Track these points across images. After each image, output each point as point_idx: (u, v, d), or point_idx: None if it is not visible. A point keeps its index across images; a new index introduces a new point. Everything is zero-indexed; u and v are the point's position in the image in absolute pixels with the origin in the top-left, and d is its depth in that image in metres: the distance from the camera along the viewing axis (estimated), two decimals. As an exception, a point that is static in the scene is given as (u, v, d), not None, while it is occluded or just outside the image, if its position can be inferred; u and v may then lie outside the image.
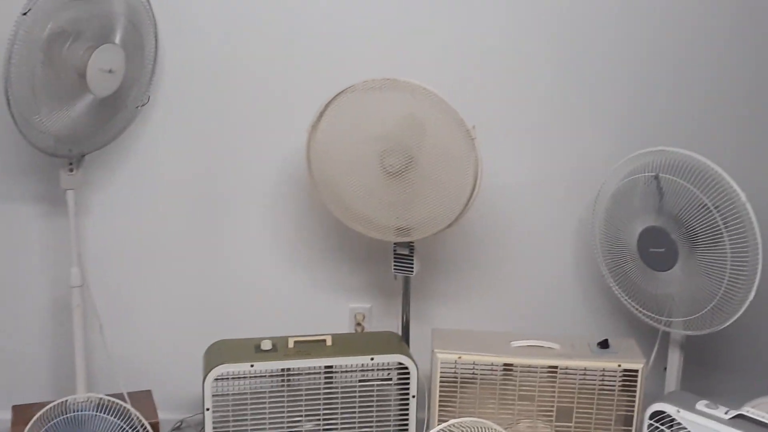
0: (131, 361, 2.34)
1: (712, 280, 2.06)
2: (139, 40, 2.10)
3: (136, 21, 2.08)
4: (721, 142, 2.34)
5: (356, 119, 2.06)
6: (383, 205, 2.11)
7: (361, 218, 2.15)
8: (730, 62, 2.36)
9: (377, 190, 2.10)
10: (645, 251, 2.14)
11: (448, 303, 2.47)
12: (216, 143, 2.32)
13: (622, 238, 2.20)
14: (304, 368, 2.06)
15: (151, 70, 2.18)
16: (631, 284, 2.23)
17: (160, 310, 2.39)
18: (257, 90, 2.30)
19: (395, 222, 2.13)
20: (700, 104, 2.38)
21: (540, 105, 2.38)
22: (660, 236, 2.10)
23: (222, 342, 2.15)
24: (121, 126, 2.18)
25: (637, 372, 2.08)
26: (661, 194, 2.08)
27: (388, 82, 2.02)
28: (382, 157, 2.07)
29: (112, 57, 2.01)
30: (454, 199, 2.07)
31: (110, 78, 2.01)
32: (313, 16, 2.27)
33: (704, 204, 2.02)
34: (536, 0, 2.30)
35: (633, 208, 2.16)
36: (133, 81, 2.12)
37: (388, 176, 2.08)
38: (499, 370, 2.10)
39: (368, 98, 2.04)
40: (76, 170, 2.13)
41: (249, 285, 2.41)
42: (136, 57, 2.10)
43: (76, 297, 2.18)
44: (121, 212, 2.32)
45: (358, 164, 2.08)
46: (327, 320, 2.42)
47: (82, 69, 1.95)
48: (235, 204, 2.36)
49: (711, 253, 2.05)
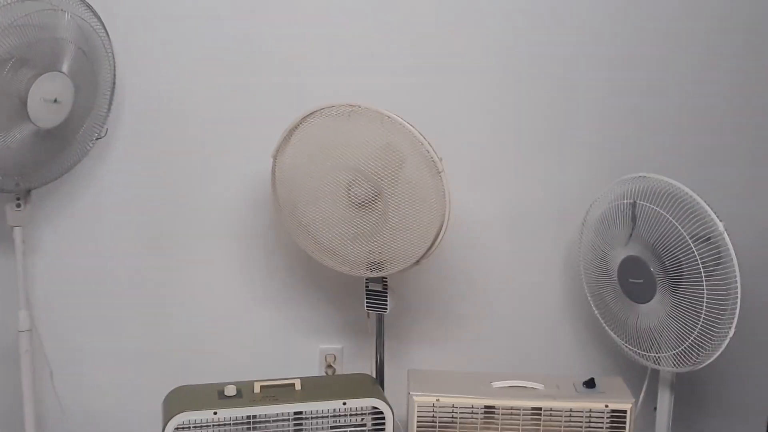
0: (84, 410, 2.33)
1: (690, 314, 2.04)
2: (91, 70, 2.07)
3: (87, 50, 2.04)
4: (703, 171, 2.35)
5: (323, 145, 2.06)
6: (348, 237, 2.10)
7: (327, 251, 2.14)
8: (711, 89, 2.38)
9: (342, 221, 2.09)
10: (625, 281, 2.14)
11: (424, 342, 2.45)
12: (173, 178, 2.31)
13: (604, 268, 2.20)
14: (271, 415, 2.03)
15: (108, 102, 2.16)
16: (615, 317, 2.22)
17: (115, 355, 2.36)
18: (216, 121, 2.30)
19: (363, 256, 2.12)
20: (680, 131, 2.40)
21: (518, 135, 2.38)
22: (638, 266, 2.10)
23: (182, 388, 2.11)
24: (73, 160, 2.14)
25: (626, 413, 2.07)
26: (634, 222, 2.08)
27: (354, 109, 2.03)
28: (348, 187, 2.07)
29: (58, 86, 1.97)
30: (421, 235, 2.07)
31: (56, 108, 1.98)
32: (272, 43, 2.27)
33: (680, 233, 2.01)
34: (513, 29, 2.33)
35: (613, 237, 2.16)
36: (84, 113, 2.09)
37: (354, 207, 2.08)
38: (480, 412, 2.08)
39: (335, 124, 2.04)
40: (23, 206, 2.11)
41: (210, 326, 2.38)
42: (87, 87, 2.07)
43: (25, 342, 2.16)
44: (72, 251, 2.30)
45: (323, 192, 2.08)
46: (295, 362, 2.40)
47: (23, 97, 1.92)
48: (194, 241, 2.34)
49: (688, 285, 2.03)
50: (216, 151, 2.30)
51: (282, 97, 2.25)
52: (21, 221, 2.10)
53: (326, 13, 2.26)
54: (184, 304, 2.35)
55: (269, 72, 2.27)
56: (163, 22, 2.22)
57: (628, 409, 2.05)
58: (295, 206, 2.11)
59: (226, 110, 2.28)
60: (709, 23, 2.34)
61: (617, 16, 2.32)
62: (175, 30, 2.23)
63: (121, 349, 2.35)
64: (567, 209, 2.36)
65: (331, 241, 2.11)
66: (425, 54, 2.30)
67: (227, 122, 2.28)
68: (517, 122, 2.36)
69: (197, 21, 2.23)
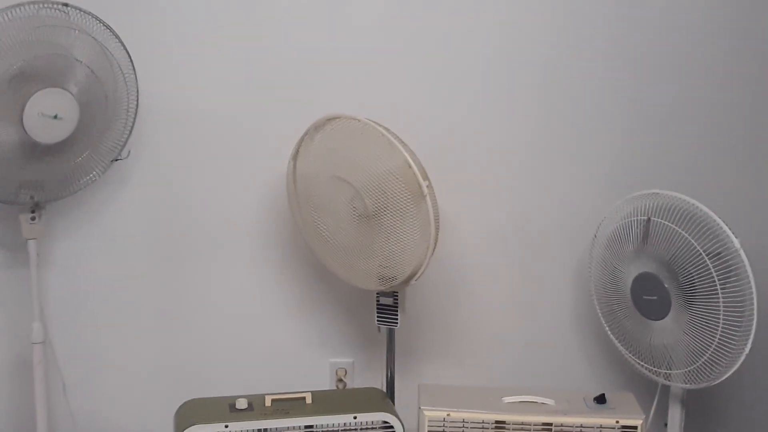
0: (96, 422, 2.32)
1: (705, 331, 2.03)
2: (102, 91, 2.04)
3: (100, 71, 2.02)
4: (715, 186, 2.33)
5: (335, 154, 2.07)
6: (353, 246, 2.11)
7: (339, 262, 2.14)
8: (726, 103, 2.36)
9: (347, 230, 2.10)
10: (639, 298, 2.12)
11: (435, 357, 2.44)
12: (187, 194, 2.31)
13: (616, 285, 2.18)
14: (282, 428, 2.02)
15: (128, 125, 2.13)
16: (627, 334, 2.20)
17: (127, 367, 2.35)
18: (230, 136, 2.29)
19: (366, 266, 2.12)
20: (694, 146, 2.38)
21: (529, 150, 2.37)
22: (652, 283, 2.08)
23: (194, 401, 2.10)
24: (87, 179, 2.13)
25: (636, 428, 2.05)
26: (648, 239, 2.07)
27: (363, 124, 2.05)
28: (351, 199, 2.07)
29: (60, 103, 1.95)
30: (411, 254, 2.07)
31: (56, 125, 1.96)
32: (285, 64, 2.27)
33: (696, 250, 2.00)
34: (526, 42, 2.31)
35: (626, 253, 2.14)
36: (96, 132, 2.06)
37: (356, 218, 2.08)
38: (491, 428, 2.07)
39: (347, 136, 2.06)
40: (38, 219, 2.10)
41: (222, 340, 2.37)
42: (96, 108, 2.04)
43: (38, 354, 2.15)
44: (86, 264, 2.29)
45: (331, 201, 2.10)
46: (306, 376, 2.38)
47: (20, 110, 1.91)
48: (206, 256, 2.34)
49: (703, 302, 2.01)
50: (228, 167, 2.29)
51: (298, 111, 2.23)
52: (36, 234, 2.10)
53: (338, 29, 2.26)
54: (196, 318, 2.35)
55: (285, 86, 2.27)
56: (181, 42, 2.23)
57: (638, 425, 2.04)
58: (309, 210, 2.12)
59: (241, 125, 2.28)
60: (725, 41, 2.32)
61: (631, 30, 2.31)
62: (194, 50, 2.24)
63: (134, 361, 2.34)
64: (577, 224, 2.35)
65: (337, 249, 2.12)
66: (436, 66, 2.29)
67: (241, 138, 2.28)
68: (528, 137, 2.35)
69: (216, 40, 2.24)
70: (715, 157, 2.38)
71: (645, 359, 2.17)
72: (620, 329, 2.20)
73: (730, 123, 2.36)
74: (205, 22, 2.22)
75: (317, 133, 2.08)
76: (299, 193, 2.14)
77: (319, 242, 2.17)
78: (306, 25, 2.25)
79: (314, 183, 2.11)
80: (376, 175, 2.03)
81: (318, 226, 2.14)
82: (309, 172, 2.11)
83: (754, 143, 2.37)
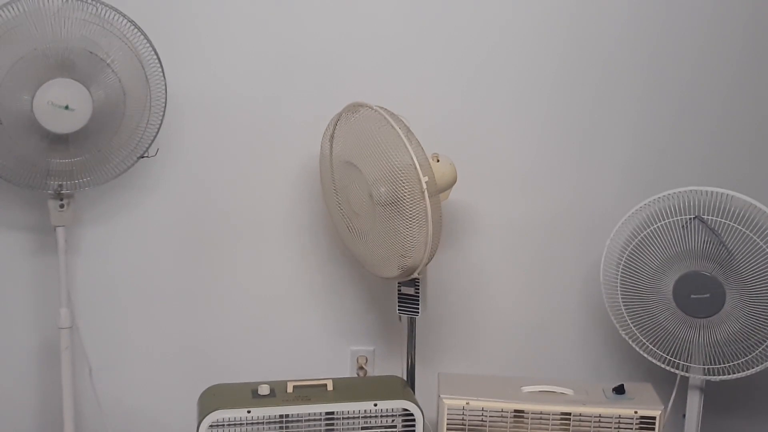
0: (122, 406, 2.33)
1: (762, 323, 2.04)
2: (120, 87, 2.03)
3: (116, 65, 2.02)
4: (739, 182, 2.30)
5: (363, 140, 2.06)
6: (375, 231, 2.10)
7: (361, 248, 2.13)
8: (746, 102, 2.36)
9: (368, 213, 2.09)
10: (684, 298, 2.08)
11: (455, 346, 2.44)
12: (212, 184, 2.30)
13: (653, 285, 2.13)
14: (303, 414, 2.03)
15: (152, 122, 2.10)
16: (661, 331, 2.15)
17: (152, 353, 2.35)
18: (256, 127, 2.29)
19: (363, 252, 2.12)
20: (713, 141, 2.37)
21: (551, 145, 2.36)
22: (703, 281, 2.06)
23: (217, 387, 2.12)
24: (111, 173, 2.11)
25: (655, 419, 2.05)
26: (714, 237, 2.04)
27: (362, 110, 2.05)
28: (369, 184, 2.06)
29: (71, 94, 1.96)
30: (409, 248, 2.05)
31: (67, 115, 1.96)
32: (311, 56, 2.27)
33: (758, 246, 2.00)
34: (542, 29, 2.31)
35: (667, 255, 2.10)
36: (115, 127, 2.05)
37: (374, 203, 2.07)
38: (510, 417, 2.07)
39: (375, 124, 2.05)
40: (67, 207, 2.11)
41: (246, 326, 2.38)
42: (114, 103, 2.03)
43: (65, 339, 2.16)
44: (113, 251, 2.29)
45: (355, 183, 2.09)
46: (327, 364, 2.40)
47: (30, 98, 1.93)
48: (231, 244, 2.34)
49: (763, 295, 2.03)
50: (253, 156, 2.29)
51: (320, 100, 2.25)
52: (64, 221, 2.10)
53: (361, 18, 2.26)
54: (220, 305, 2.35)
55: (307, 74, 2.26)
56: (208, 35, 2.23)
57: (657, 416, 2.04)
58: (345, 193, 2.13)
59: (265, 114, 2.28)
60: (745, 36, 2.32)
61: (654, 27, 2.30)
62: (218, 40, 2.23)
63: (159, 347, 2.34)
64: (599, 216, 2.35)
65: (361, 229, 2.12)
66: (464, 62, 2.29)
67: (264, 127, 2.28)
68: (547, 129, 2.34)
69: (241, 31, 2.23)
70: (738, 153, 2.37)
71: (674, 355, 2.15)
72: (652, 328, 2.15)
73: (754, 122, 2.36)
74: (229, 14, 2.22)
75: (352, 115, 2.08)
76: (335, 175, 2.14)
77: (345, 228, 2.18)
78: (329, 14, 2.25)
79: (344, 167, 2.11)
80: (390, 166, 2.02)
81: (351, 208, 2.14)
82: (342, 154, 2.11)
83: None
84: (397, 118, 2.02)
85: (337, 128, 2.12)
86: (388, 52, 2.28)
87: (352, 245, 2.19)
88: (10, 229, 2.23)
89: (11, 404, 2.31)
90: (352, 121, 2.09)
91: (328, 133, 2.14)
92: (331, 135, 2.14)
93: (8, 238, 2.23)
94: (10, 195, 2.20)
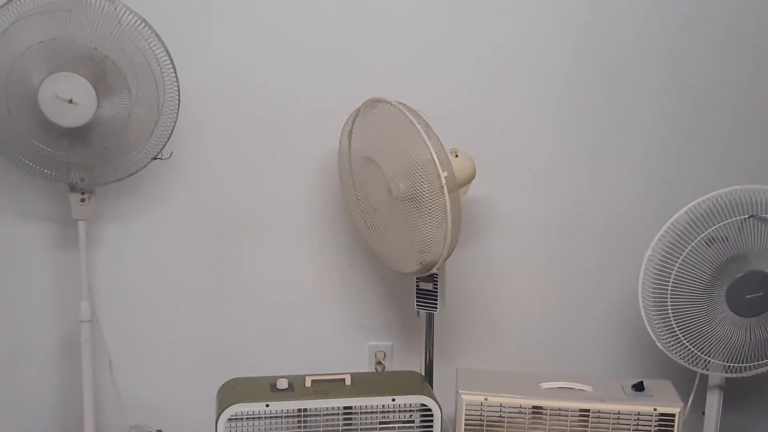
0: (141, 399, 2.34)
1: None
2: (125, 85, 2.01)
3: (122, 63, 2.01)
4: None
5: (381, 135, 2.06)
6: (394, 226, 2.10)
7: (380, 244, 2.13)
8: (762, 92, 2.36)
9: (387, 209, 2.09)
10: (739, 299, 2.05)
11: (473, 341, 2.44)
12: (231, 180, 2.31)
13: (707, 290, 2.08)
14: (321, 409, 2.03)
15: (162, 124, 2.08)
16: (711, 338, 2.11)
17: (172, 346, 2.36)
18: (273, 123, 2.29)
19: (404, 248, 2.11)
20: (733, 142, 2.37)
21: (571, 142, 2.36)
22: (759, 280, 2.04)
23: (236, 380, 2.12)
24: (124, 171, 2.12)
25: (674, 416, 2.03)
26: (750, 236, 2.01)
27: (378, 104, 2.05)
28: (388, 180, 2.06)
29: (75, 88, 1.96)
30: (426, 244, 2.05)
31: (71, 109, 1.96)
32: (327, 52, 2.27)
33: None
34: (559, 27, 2.31)
35: (724, 258, 2.05)
36: (118, 124, 2.04)
37: (393, 199, 2.07)
38: (528, 413, 2.06)
39: (395, 120, 2.04)
40: (88, 201, 2.12)
41: (265, 321, 2.38)
42: (118, 101, 2.02)
43: (86, 332, 2.17)
44: (134, 245, 2.30)
45: (374, 178, 2.09)
46: (346, 359, 2.40)
47: (35, 89, 1.94)
48: (250, 240, 2.34)
49: None
50: (272, 152, 2.30)
51: (338, 96, 2.25)
52: (85, 215, 2.12)
53: (377, 15, 2.26)
54: (239, 299, 2.35)
55: (326, 71, 2.26)
56: (223, 30, 2.23)
57: (676, 413, 2.02)
58: (363, 189, 2.13)
59: (282, 112, 2.28)
60: (763, 32, 2.31)
61: (673, 21, 2.30)
62: (235, 34, 2.23)
63: (178, 341, 2.35)
64: (616, 213, 2.36)
65: (380, 224, 2.12)
66: (484, 59, 2.29)
67: (283, 124, 2.28)
68: (568, 127, 2.34)
69: (258, 24, 2.23)
70: (759, 153, 2.37)
71: (721, 356, 2.12)
72: (700, 334, 2.10)
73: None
74: (242, 10, 2.22)
75: (370, 111, 2.08)
76: (354, 171, 2.14)
77: (363, 224, 2.18)
78: (345, 8, 2.25)
79: (363, 163, 2.11)
80: (409, 161, 2.02)
81: (370, 204, 2.14)
82: (361, 150, 2.11)
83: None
84: (416, 114, 2.02)
85: (355, 124, 2.12)
86: (407, 46, 2.28)
87: (371, 241, 2.19)
88: (34, 223, 2.25)
89: (33, 396, 2.32)
90: (370, 117, 2.09)
91: (347, 129, 2.14)
92: (349, 131, 2.14)
93: (31, 232, 2.25)
94: (33, 188, 2.22)
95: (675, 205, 2.10)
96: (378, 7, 2.25)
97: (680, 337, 2.10)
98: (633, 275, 2.33)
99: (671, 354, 2.11)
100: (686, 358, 2.12)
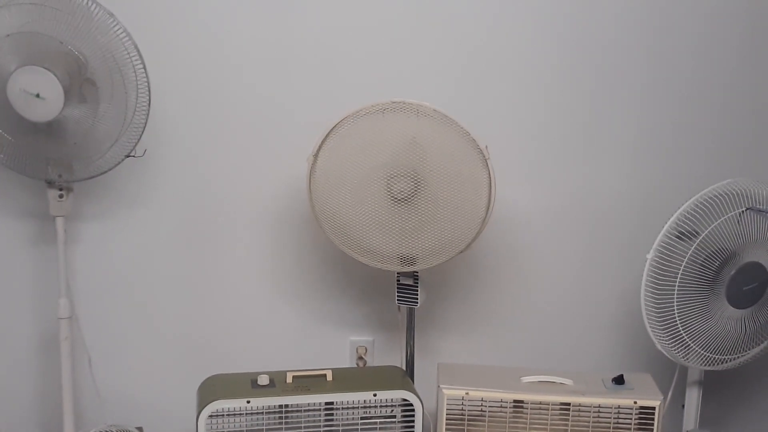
0: (121, 396, 2.33)
1: None
2: (92, 83, 2.00)
3: (95, 63, 1.99)
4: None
5: (360, 145, 2.05)
6: (392, 234, 2.09)
7: (366, 249, 2.12)
8: (746, 86, 2.35)
9: (385, 219, 2.08)
10: (737, 291, 2.06)
11: (454, 336, 2.44)
12: (211, 176, 2.30)
13: (711, 287, 2.08)
14: (303, 404, 2.03)
15: (131, 121, 2.05)
16: (712, 335, 2.11)
17: (152, 343, 2.36)
18: (250, 125, 2.28)
19: (402, 250, 2.11)
20: (720, 135, 2.38)
21: (561, 135, 2.36)
22: (754, 271, 2.05)
23: (217, 377, 2.12)
24: (97, 167, 2.09)
25: (655, 409, 2.04)
26: (747, 228, 2.02)
27: (396, 105, 2.03)
28: (389, 183, 2.06)
29: (42, 82, 1.92)
30: (468, 220, 2.06)
31: (39, 104, 1.93)
32: (306, 45, 2.26)
33: None
34: (543, 21, 2.30)
35: (726, 251, 2.05)
36: (88, 120, 2.02)
37: (396, 203, 2.07)
38: (509, 406, 2.07)
39: (372, 123, 2.04)
40: (66, 197, 2.11)
41: (245, 318, 2.38)
42: (87, 95, 2.01)
43: (64, 329, 2.16)
44: (112, 242, 2.29)
45: (363, 192, 2.07)
46: (326, 354, 2.40)
47: (4, 81, 1.91)
48: (230, 235, 2.34)
49: None
50: (250, 150, 2.29)
51: (315, 102, 2.25)
52: (63, 212, 2.10)
53: (357, 11, 2.25)
54: (219, 296, 2.35)
55: (303, 77, 2.26)
56: (200, 28, 2.21)
57: (657, 406, 2.03)
58: (333, 208, 2.09)
59: (262, 110, 2.27)
60: (747, 25, 2.31)
61: (657, 15, 2.30)
62: (213, 35, 2.22)
63: (158, 337, 2.34)
64: (602, 208, 2.36)
65: (372, 241, 2.10)
66: (471, 52, 2.29)
67: (262, 122, 2.27)
68: (553, 123, 2.34)
69: (236, 22, 2.22)
70: (746, 147, 2.38)
71: (711, 349, 2.11)
72: (702, 332, 2.10)
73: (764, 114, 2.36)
74: (226, 6, 2.22)
75: (334, 130, 2.05)
76: (315, 201, 2.10)
77: (343, 239, 2.14)
78: (329, 6, 2.24)
79: (337, 179, 2.07)
80: (416, 149, 2.02)
81: (343, 224, 2.11)
82: (330, 169, 2.07)
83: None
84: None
85: (330, 138, 2.07)
86: (387, 42, 2.27)
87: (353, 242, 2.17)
88: (12, 219, 2.23)
89: (11, 394, 2.31)
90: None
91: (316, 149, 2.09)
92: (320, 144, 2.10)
93: (9, 228, 2.23)
94: (11, 184, 2.21)
95: (662, 201, 2.11)
96: (358, 3, 2.24)
97: (684, 336, 2.10)
98: (618, 271, 2.36)
99: (672, 354, 2.12)
100: (685, 355, 2.13)
